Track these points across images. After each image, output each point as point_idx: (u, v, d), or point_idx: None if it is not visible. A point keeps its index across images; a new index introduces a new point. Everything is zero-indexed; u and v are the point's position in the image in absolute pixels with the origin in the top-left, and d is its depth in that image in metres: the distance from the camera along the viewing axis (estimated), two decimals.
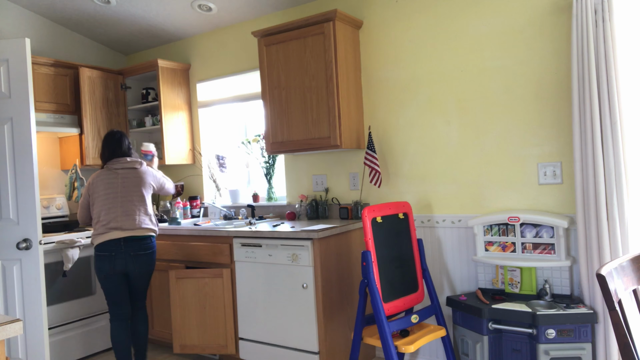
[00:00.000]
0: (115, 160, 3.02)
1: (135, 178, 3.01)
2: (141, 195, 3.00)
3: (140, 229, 2.95)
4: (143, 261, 2.97)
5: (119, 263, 2.92)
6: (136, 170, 3.04)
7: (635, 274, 1.56)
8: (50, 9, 3.87)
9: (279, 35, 3.21)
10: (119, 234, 2.89)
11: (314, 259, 2.78)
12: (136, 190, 2.99)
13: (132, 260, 2.94)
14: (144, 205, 3.00)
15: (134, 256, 2.93)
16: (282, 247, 2.89)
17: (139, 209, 2.97)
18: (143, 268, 2.98)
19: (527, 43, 2.69)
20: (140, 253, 2.95)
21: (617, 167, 2.29)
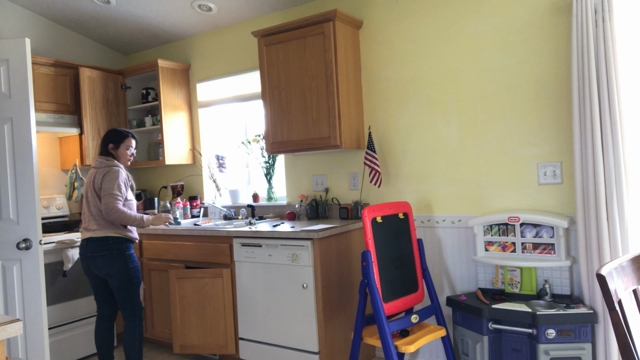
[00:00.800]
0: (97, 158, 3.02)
1: (91, 177, 2.92)
2: (93, 194, 2.89)
3: (96, 230, 2.84)
4: (99, 264, 2.84)
5: (84, 264, 2.91)
6: (94, 170, 2.93)
7: (635, 274, 1.56)
8: (50, 9, 3.87)
9: (279, 35, 3.21)
10: (84, 234, 2.89)
11: (314, 259, 2.78)
12: (93, 191, 2.90)
13: (91, 262, 2.87)
14: (97, 205, 2.87)
15: (90, 257, 2.86)
16: (282, 247, 2.89)
17: (96, 210, 2.86)
18: (103, 271, 2.85)
19: (527, 43, 2.69)
20: (94, 255, 2.84)
21: (617, 167, 2.29)
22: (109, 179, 2.83)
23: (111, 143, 2.96)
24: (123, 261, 2.87)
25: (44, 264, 3.05)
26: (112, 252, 2.84)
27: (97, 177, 2.87)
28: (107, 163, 2.91)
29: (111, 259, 2.84)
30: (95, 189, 2.87)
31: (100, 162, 2.93)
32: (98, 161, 2.94)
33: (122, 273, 2.86)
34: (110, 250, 2.84)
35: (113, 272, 2.85)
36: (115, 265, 2.85)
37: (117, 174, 2.85)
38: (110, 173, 2.85)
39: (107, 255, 2.84)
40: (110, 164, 2.90)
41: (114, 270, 2.85)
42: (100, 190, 2.84)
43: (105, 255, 2.83)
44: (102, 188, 2.83)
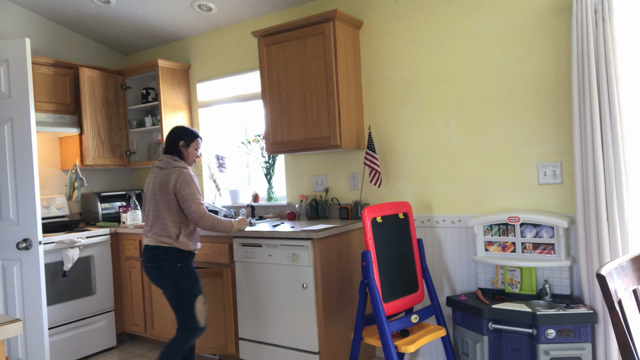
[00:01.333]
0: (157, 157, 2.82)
1: (156, 178, 2.67)
2: (156, 198, 2.64)
3: (150, 237, 2.63)
4: (151, 275, 2.65)
5: (145, 272, 2.70)
6: (160, 170, 2.67)
7: (635, 274, 1.56)
8: (50, 9, 3.87)
9: (279, 35, 3.21)
10: (144, 240, 2.69)
11: (314, 259, 2.78)
12: (154, 193, 2.66)
13: (145, 271, 2.68)
14: (159, 210, 2.63)
15: (145, 267, 2.67)
16: (282, 247, 2.89)
17: (154, 214, 2.64)
18: (155, 282, 2.66)
19: (527, 43, 2.69)
20: (148, 265, 2.64)
21: (617, 167, 2.29)
22: (186, 183, 2.61)
23: (183, 140, 2.75)
24: (173, 274, 2.61)
25: (44, 264, 3.06)
26: (162, 263, 2.60)
27: (166, 179, 2.62)
28: (175, 164, 2.67)
29: (161, 271, 2.61)
30: (162, 192, 2.62)
31: (168, 162, 2.68)
32: (164, 161, 2.70)
33: (173, 287, 2.62)
34: (161, 262, 2.61)
35: (165, 285, 2.63)
36: (165, 278, 2.61)
37: (191, 177, 2.66)
38: (185, 175, 2.63)
39: (157, 267, 2.61)
40: (180, 165, 2.67)
41: (165, 284, 2.63)
42: (177, 195, 2.61)
43: (156, 267, 2.61)
44: (180, 193, 2.60)
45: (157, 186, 2.64)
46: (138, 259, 3.69)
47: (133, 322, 3.77)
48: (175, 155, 2.74)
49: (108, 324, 3.71)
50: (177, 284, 2.61)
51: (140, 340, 3.91)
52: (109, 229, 3.75)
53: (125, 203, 4.22)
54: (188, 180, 2.62)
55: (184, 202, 2.60)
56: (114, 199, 4.19)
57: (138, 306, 3.71)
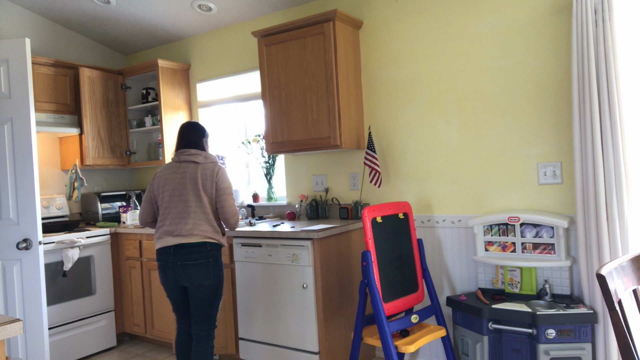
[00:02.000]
0: (181, 152, 2.62)
1: (193, 173, 2.54)
2: (198, 194, 2.51)
3: (192, 235, 2.48)
4: (193, 273, 2.48)
5: (169, 274, 2.52)
6: (197, 165, 2.56)
7: (635, 274, 1.56)
8: (50, 9, 3.87)
9: (279, 35, 3.21)
10: (170, 240, 2.49)
11: (314, 259, 2.78)
12: (193, 188, 2.52)
13: (181, 271, 2.49)
14: (201, 206, 2.52)
15: (181, 266, 2.48)
16: (282, 247, 2.89)
17: (194, 210, 2.51)
18: (194, 281, 2.49)
19: (527, 43, 2.69)
20: (188, 263, 2.47)
21: (617, 167, 2.29)
22: (225, 177, 2.57)
23: (205, 137, 2.70)
24: (217, 271, 2.56)
25: (44, 264, 3.06)
26: (209, 259, 2.51)
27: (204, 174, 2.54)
28: (212, 158, 2.62)
29: (207, 268, 2.51)
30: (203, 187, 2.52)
31: (206, 156, 2.61)
32: (202, 155, 2.60)
33: (214, 285, 2.54)
34: (209, 257, 2.51)
35: (206, 283, 2.51)
36: (210, 275, 2.52)
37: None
38: (223, 170, 2.59)
39: (204, 264, 2.49)
40: (215, 160, 2.62)
41: (208, 282, 2.51)
42: (216, 190, 2.54)
43: (201, 264, 2.49)
44: (220, 187, 2.54)
45: (195, 181, 2.52)
46: (138, 259, 3.69)
47: (133, 322, 3.77)
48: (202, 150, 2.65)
49: (108, 324, 3.71)
50: (220, 281, 2.57)
51: (140, 340, 3.91)
52: (109, 229, 3.75)
53: (125, 203, 4.22)
54: (227, 176, 2.60)
55: (224, 197, 2.54)
56: (114, 199, 4.19)
57: (138, 306, 3.71)
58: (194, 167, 2.56)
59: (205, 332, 2.56)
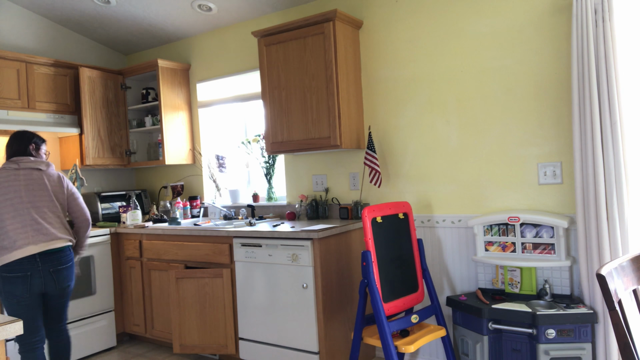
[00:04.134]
0: (17, 159, 2.57)
1: (40, 179, 2.57)
2: (51, 199, 2.58)
3: (58, 239, 2.53)
4: (64, 276, 2.59)
5: (37, 283, 2.47)
6: (41, 172, 2.61)
7: (635, 274, 1.56)
8: (50, 9, 3.87)
9: (279, 35, 3.21)
10: (32, 249, 2.43)
11: (314, 259, 2.78)
12: (45, 194, 2.56)
13: (52, 277, 2.52)
14: (56, 210, 2.59)
15: (53, 272, 2.51)
16: (282, 247, 2.89)
17: (50, 215, 2.54)
18: (64, 284, 2.60)
19: (527, 43, 2.69)
20: (60, 268, 2.55)
21: (617, 167, 2.29)
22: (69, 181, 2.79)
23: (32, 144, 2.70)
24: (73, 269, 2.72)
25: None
26: (73, 261, 2.68)
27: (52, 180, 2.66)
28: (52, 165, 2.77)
29: (73, 269, 2.68)
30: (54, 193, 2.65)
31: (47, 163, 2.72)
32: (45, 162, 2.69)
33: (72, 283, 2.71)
34: (72, 259, 2.68)
35: (72, 283, 2.68)
36: (73, 275, 2.70)
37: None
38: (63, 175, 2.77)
39: (71, 266, 2.65)
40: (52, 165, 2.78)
41: (72, 282, 2.69)
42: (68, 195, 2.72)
43: (70, 266, 2.63)
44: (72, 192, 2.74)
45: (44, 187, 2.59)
46: (139, 259, 3.69)
47: (133, 322, 3.77)
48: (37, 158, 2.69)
49: (108, 324, 3.71)
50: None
51: (140, 340, 3.91)
52: (109, 229, 3.75)
53: (125, 203, 4.22)
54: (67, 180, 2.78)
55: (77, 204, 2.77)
56: (114, 199, 4.19)
57: (138, 306, 3.71)
58: (38, 174, 2.59)
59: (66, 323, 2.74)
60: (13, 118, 3.53)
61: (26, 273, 2.43)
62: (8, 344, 3.11)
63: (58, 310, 2.66)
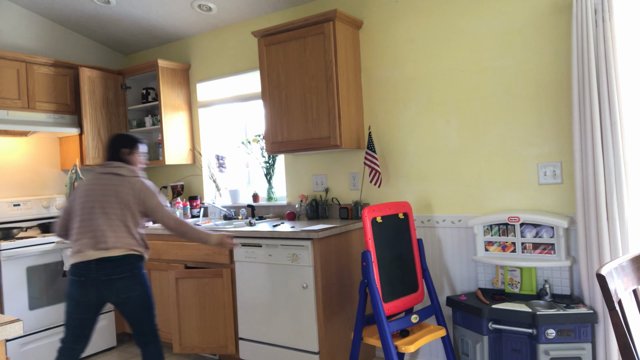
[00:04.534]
0: (105, 164, 2.56)
1: (117, 186, 2.47)
2: (121, 206, 2.44)
3: (115, 248, 2.38)
4: (120, 287, 2.39)
5: (90, 290, 2.37)
6: (122, 178, 2.50)
7: (635, 274, 1.56)
8: (50, 9, 3.87)
9: (279, 35, 3.21)
10: (92, 254, 2.37)
11: (314, 259, 2.78)
12: (116, 201, 2.44)
13: (105, 286, 2.37)
14: (124, 218, 2.44)
15: (106, 281, 2.36)
16: (282, 247, 2.89)
17: (117, 223, 2.42)
18: (122, 294, 2.40)
19: (527, 43, 2.69)
20: (113, 277, 2.37)
21: (617, 167, 2.29)
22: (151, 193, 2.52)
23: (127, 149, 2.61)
24: (143, 281, 2.47)
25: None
26: (134, 272, 2.44)
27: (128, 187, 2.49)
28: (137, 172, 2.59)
29: (134, 280, 2.43)
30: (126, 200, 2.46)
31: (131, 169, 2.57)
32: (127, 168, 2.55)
33: (143, 294, 2.46)
34: (133, 270, 2.43)
35: (134, 295, 2.43)
36: (137, 287, 2.44)
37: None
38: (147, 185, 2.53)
39: (129, 277, 2.41)
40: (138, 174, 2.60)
41: (135, 293, 2.43)
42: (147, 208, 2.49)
43: (126, 277, 2.40)
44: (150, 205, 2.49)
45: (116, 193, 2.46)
46: None
47: None
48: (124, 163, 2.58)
49: (108, 324, 3.71)
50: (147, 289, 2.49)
51: None
52: None
53: None
54: (152, 190, 2.53)
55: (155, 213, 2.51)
56: None
57: None
58: (117, 179, 2.49)
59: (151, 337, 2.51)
60: (13, 118, 3.53)
61: (80, 278, 2.37)
62: (8, 343, 3.11)
63: (131, 321, 2.47)
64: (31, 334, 3.24)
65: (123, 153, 2.58)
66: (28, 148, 3.89)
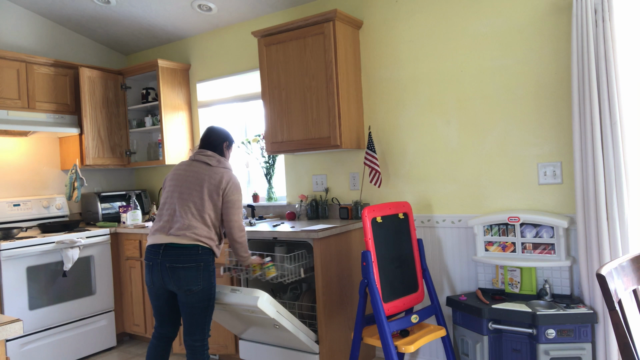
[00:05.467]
0: (197, 151, 2.55)
1: (202, 174, 2.42)
2: (201, 196, 2.39)
3: (184, 236, 2.33)
4: (180, 277, 2.31)
5: (156, 275, 2.36)
6: (209, 167, 2.45)
7: (635, 274, 1.56)
8: (50, 9, 3.87)
9: (278, 35, 3.21)
10: (162, 238, 2.35)
11: (314, 259, 2.78)
12: (198, 189, 2.40)
13: (168, 273, 2.33)
14: (201, 208, 2.38)
15: (169, 268, 2.32)
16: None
17: (192, 211, 2.37)
18: (183, 285, 2.32)
19: (527, 43, 2.69)
20: (177, 266, 2.31)
21: (617, 167, 2.29)
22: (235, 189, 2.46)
23: (225, 142, 2.60)
24: (208, 277, 2.38)
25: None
26: (200, 263, 2.35)
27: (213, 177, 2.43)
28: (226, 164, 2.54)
29: (198, 273, 2.34)
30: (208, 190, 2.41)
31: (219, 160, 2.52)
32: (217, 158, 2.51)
33: (204, 291, 2.37)
34: (199, 262, 2.34)
35: (195, 289, 2.34)
36: (199, 280, 2.35)
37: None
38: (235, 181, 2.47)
39: (193, 268, 2.33)
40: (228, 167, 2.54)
41: (197, 287, 2.34)
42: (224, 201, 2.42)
43: (190, 267, 2.32)
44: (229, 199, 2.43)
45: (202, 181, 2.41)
46: (138, 259, 3.68)
47: (133, 322, 3.77)
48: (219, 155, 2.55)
49: (108, 324, 3.71)
50: (211, 287, 2.40)
51: (140, 340, 3.91)
52: (109, 229, 3.75)
53: (125, 203, 4.22)
54: (238, 187, 2.47)
55: (228, 209, 2.42)
56: (114, 199, 4.19)
57: (138, 306, 3.71)
58: (205, 168, 2.45)
59: (199, 343, 2.40)
60: (13, 118, 3.53)
61: (149, 263, 2.37)
62: (8, 343, 3.11)
63: (184, 317, 2.39)
64: (31, 334, 3.24)
65: (223, 145, 2.57)
66: (28, 148, 3.89)
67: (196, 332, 2.38)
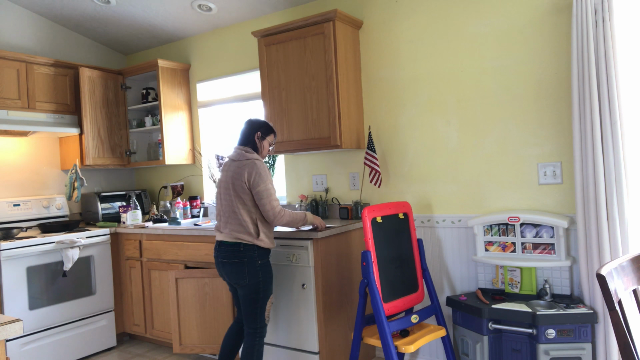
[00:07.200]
0: (236, 147, 2.66)
1: (230, 171, 2.57)
2: (228, 192, 2.55)
3: (227, 233, 2.56)
4: (229, 271, 2.56)
5: (219, 269, 2.65)
6: (234, 163, 2.58)
7: (635, 274, 1.56)
8: (50, 9, 3.87)
9: (278, 35, 3.21)
10: (218, 235, 2.63)
11: (314, 259, 2.78)
12: (228, 187, 2.56)
13: (221, 268, 2.61)
14: (231, 204, 2.54)
15: (221, 263, 2.60)
16: (282, 247, 2.89)
17: (227, 210, 2.57)
18: (232, 279, 2.57)
19: (527, 43, 2.69)
20: (225, 261, 2.57)
21: (617, 167, 2.29)
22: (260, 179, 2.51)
23: (260, 132, 2.64)
24: (253, 271, 2.54)
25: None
26: (243, 259, 2.52)
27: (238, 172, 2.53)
28: (248, 155, 2.58)
29: (242, 268, 2.53)
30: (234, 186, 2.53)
31: (241, 154, 2.59)
32: (241, 153, 2.59)
33: (251, 285, 2.54)
34: (242, 258, 2.53)
35: (242, 283, 2.54)
36: (244, 275, 2.53)
37: (266, 170, 2.55)
38: (258, 171, 2.51)
39: (237, 264, 2.53)
40: (253, 157, 2.58)
41: (243, 281, 2.53)
42: (251, 190, 2.50)
43: (234, 263, 2.53)
44: (256, 191, 2.49)
45: (229, 179, 2.55)
46: (138, 259, 3.69)
47: (133, 322, 3.77)
48: (249, 147, 2.62)
49: (108, 324, 3.71)
50: (257, 281, 2.54)
51: (140, 340, 3.91)
52: (109, 229, 3.75)
53: (125, 203, 4.22)
54: (262, 175, 2.50)
55: (258, 200, 2.50)
56: (114, 199, 4.19)
57: (138, 306, 3.71)
58: (233, 165, 2.59)
59: (252, 330, 2.59)
60: (13, 118, 3.53)
61: (215, 256, 2.67)
62: (8, 343, 3.12)
63: (242, 306, 2.60)
64: (31, 334, 3.24)
65: (254, 137, 2.64)
66: (28, 148, 3.89)
67: (248, 320, 2.60)
